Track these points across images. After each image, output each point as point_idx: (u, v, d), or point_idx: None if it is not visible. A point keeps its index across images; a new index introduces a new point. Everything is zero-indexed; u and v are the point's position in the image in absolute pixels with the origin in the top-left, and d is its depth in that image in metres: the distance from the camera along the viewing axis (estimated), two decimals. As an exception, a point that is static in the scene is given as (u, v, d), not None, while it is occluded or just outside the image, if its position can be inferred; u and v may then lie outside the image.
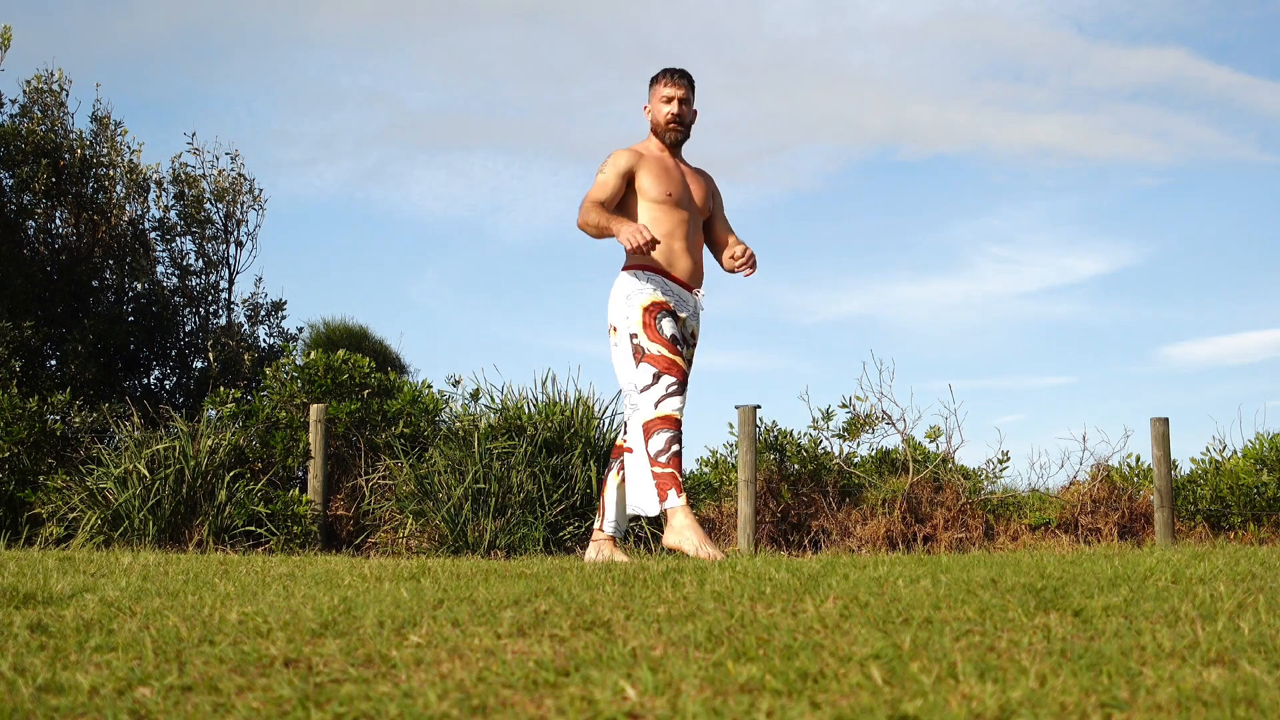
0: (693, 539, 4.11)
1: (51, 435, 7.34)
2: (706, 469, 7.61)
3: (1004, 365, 12.99)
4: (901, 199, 13.94)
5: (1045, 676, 1.55)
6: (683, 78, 4.57)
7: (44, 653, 1.84)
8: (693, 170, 4.67)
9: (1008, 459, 7.33)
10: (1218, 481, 7.05)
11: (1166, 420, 6.79)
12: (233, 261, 10.75)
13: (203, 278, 10.66)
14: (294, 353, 8.44)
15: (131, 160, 10.46)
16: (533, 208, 14.48)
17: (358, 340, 10.41)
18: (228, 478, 6.86)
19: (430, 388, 7.54)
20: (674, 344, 4.32)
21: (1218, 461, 7.20)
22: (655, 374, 4.27)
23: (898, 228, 14.27)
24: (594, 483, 6.75)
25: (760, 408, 6.89)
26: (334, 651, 1.81)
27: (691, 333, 4.51)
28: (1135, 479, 7.20)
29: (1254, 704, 1.41)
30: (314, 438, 7.09)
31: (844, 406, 7.37)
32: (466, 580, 2.98)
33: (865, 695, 1.48)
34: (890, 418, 7.34)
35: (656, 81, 4.59)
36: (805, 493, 7.17)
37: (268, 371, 7.71)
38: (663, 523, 4.32)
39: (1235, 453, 7.19)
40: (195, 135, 12.75)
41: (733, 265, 4.58)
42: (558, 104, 14.73)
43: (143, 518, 6.61)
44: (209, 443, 6.95)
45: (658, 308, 4.35)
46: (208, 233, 10.66)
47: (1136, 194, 13.62)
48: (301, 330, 10.84)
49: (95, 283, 10.18)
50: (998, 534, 7.02)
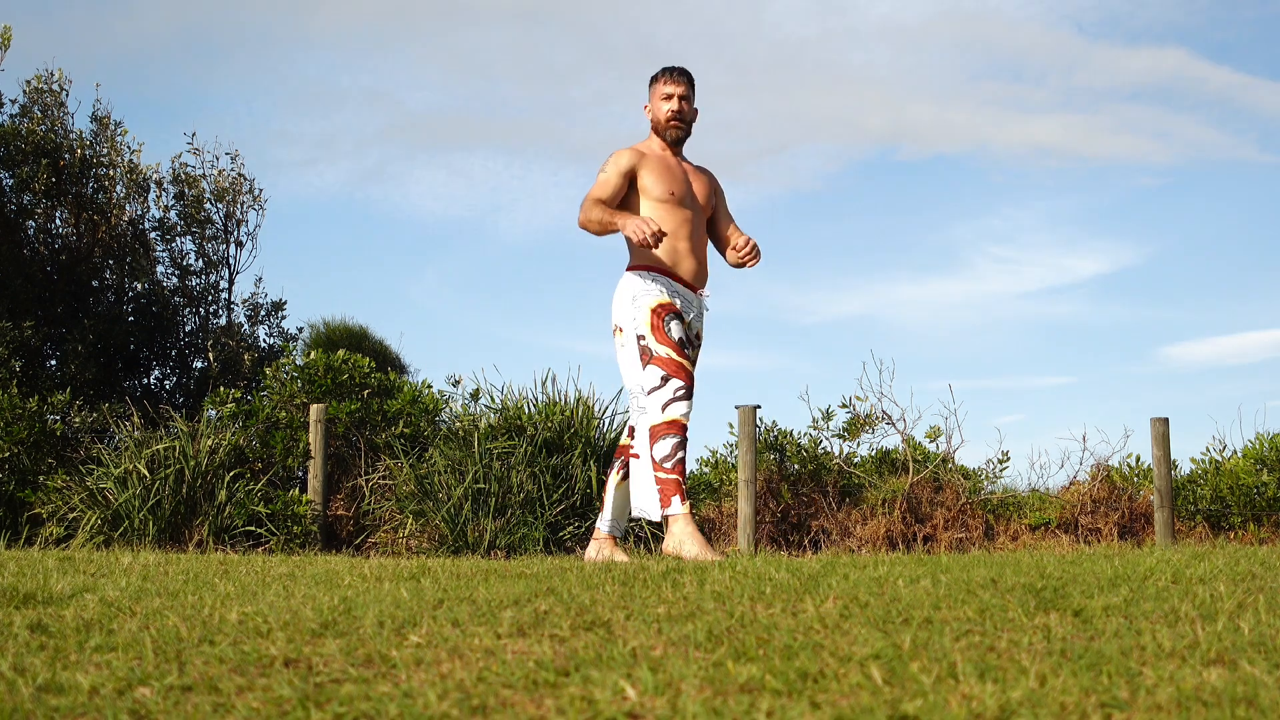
0: (693, 548, 4.08)
1: (51, 435, 7.34)
2: (706, 469, 7.61)
3: (1004, 365, 12.99)
4: (901, 199, 13.94)
5: (1045, 676, 1.55)
6: (682, 75, 4.56)
7: (44, 653, 1.84)
8: (695, 168, 4.65)
9: (1008, 459, 7.34)
10: (1218, 481, 7.05)
11: (1166, 420, 6.79)
12: (233, 261, 10.76)
13: (203, 278, 10.67)
14: (294, 353, 8.44)
15: (131, 160, 10.46)
16: (533, 208, 14.48)
17: (358, 340, 10.41)
18: (228, 478, 6.86)
19: (430, 388, 7.54)
20: (681, 347, 4.31)
21: (1218, 461, 7.20)
22: (663, 376, 4.25)
23: (898, 228, 14.27)
24: (594, 483, 6.75)
25: (760, 408, 6.90)
26: (334, 651, 1.81)
27: (696, 334, 4.50)
28: (1135, 479, 7.20)
29: (1254, 704, 1.41)
30: (314, 438, 7.09)
31: (844, 406, 7.37)
32: (466, 580, 2.98)
33: (865, 695, 1.48)
34: (890, 418, 7.34)
35: (656, 80, 4.59)
36: (805, 493, 7.17)
37: (268, 371, 7.71)
38: (663, 527, 4.31)
39: (1235, 453, 7.19)
40: (195, 135, 12.77)
41: (737, 258, 4.54)
42: (558, 104, 14.73)
43: (143, 518, 6.61)
44: (209, 443, 6.95)
45: (665, 310, 4.33)
46: (208, 233, 10.66)
47: (1136, 194, 13.62)
48: (301, 330, 10.86)
49: (95, 283, 10.18)
50: (998, 534, 7.02)
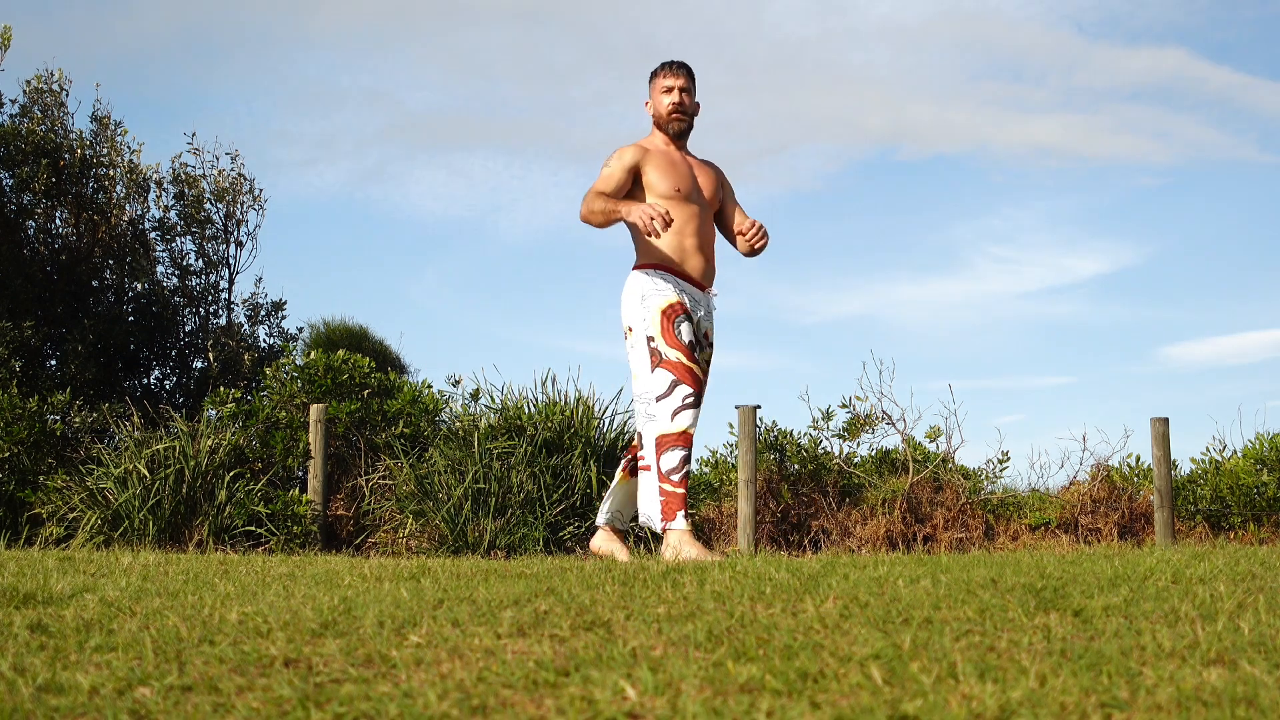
0: (692, 550, 4.04)
1: (51, 435, 7.34)
2: (706, 469, 7.61)
3: (1004, 365, 12.99)
4: (901, 199, 13.94)
5: (1045, 676, 1.55)
6: (681, 68, 4.51)
7: (44, 653, 1.84)
8: (700, 162, 4.58)
9: (1008, 459, 7.34)
10: (1218, 481, 7.05)
11: (1166, 420, 6.79)
12: (233, 261, 10.75)
13: (203, 278, 10.67)
14: (294, 353, 8.44)
15: (131, 160, 10.46)
16: (533, 208, 14.48)
17: (358, 340, 10.42)
18: (228, 478, 6.86)
19: (430, 388, 7.54)
20: (691, 350, 4.22)
21: (1218, 461, 7.20)
22: (672, 382, 4.17)
23: (898, 228, 14.27)
24: (594, 483, 6.75)
25: (760, 408, 6.89)
26: (334, 651, 1.81)
27: (705, 333, 4.40)
28: (1135, 479, 7.19)
29: (1254, 704, 1.41)
30: (314, 438, 7.09)
31: (844, 406, 7.37)
32: (466, 580, 2.98)
33: (865, 695, 1.48)
34: (890, 418, 7.34)
35: (656, 75, 4.54)
36: (805, 493, 7.17)
37: (268, 371, 7.71)
38: (661, 535, 4.28)
39: (1235, 453, 7.19)
40: (195, 135, 12.77)
41: (747, 245, 4.46)
42: (558, 104, 14.74)
43: (143, 518, 6.61)
44: (209, 443, 6.95)
45: (674, 311, 4.24)
46: (208, 233, 10.66)
47: (1136, 194, 13.62)
48: (301, 330, 10.86)
49: (95, 283, 10.18)
50: (998, 534, 7.02)
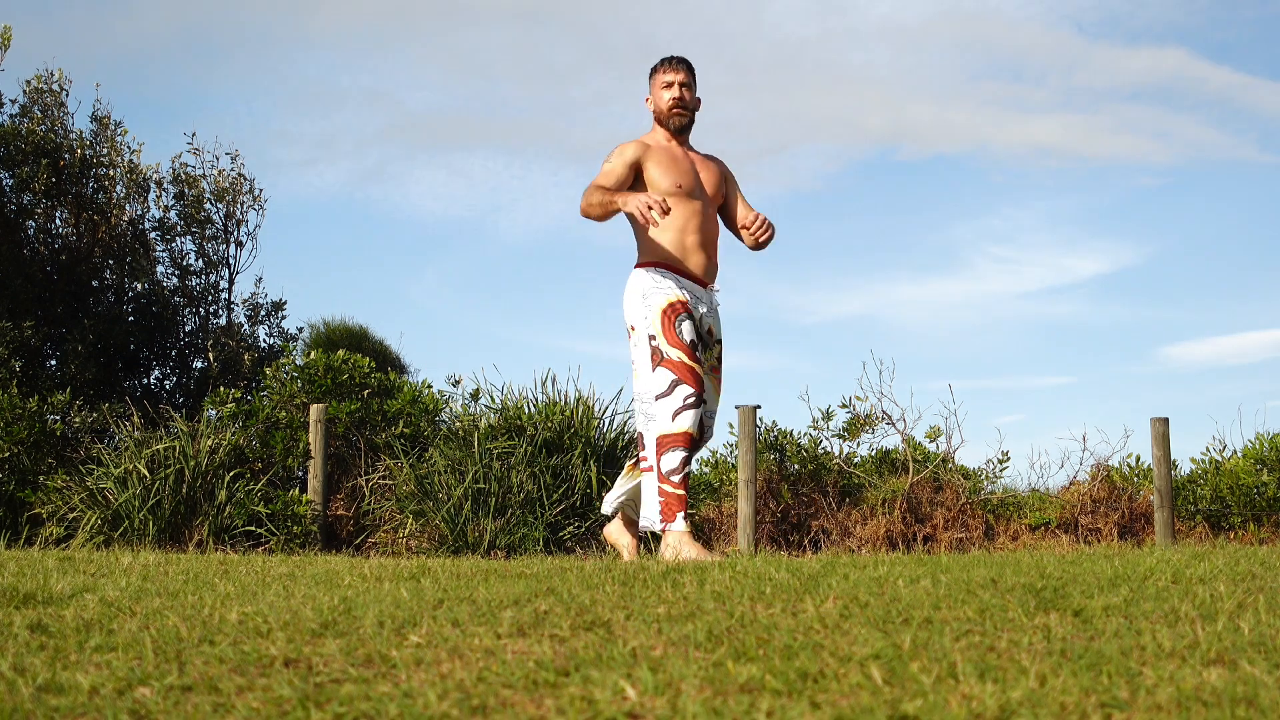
0: (691, 551, 4.02)
1: (51, 435, 7.34)
2: (706, 469, 7.61)
3: (1004, 365, 13.00)
4: (901, 199, 13.94)
5: (1045, 676, 1.55)
6: (681, 63, 4.48)
7: (44, 653, 1.84)
8: (702, 157, 4.53)
9: (1008, 459, 7.34)
10: (1218, 481, 7.05)
11: (1166, 420, 6.79)
12: (233, 261, 10.76)
13: (203, 278, 10.67)
14: (294, 353, 8.44)
15: (131, 160, 10.46)
16: (533, 208, 14.48)
17: (358, 340, 10.42)
18: (228, 478, 6.86)
19: (430, 388, 7.54)
20: (693, 349, 4.16)
21: (1218, 461, 7.20)
22: (673, 381, 4.11)
23: (898, 228, 14.28)
24: (594, 483, 6.75)
25: (760, 408, 6.89)
26: (334, 651, 1.81)
27: (709, 330, 4.35)
28: (1135, 479, 7.19)
29: (1254, 704, 1.41)
30: (314, 438, 7.09)
31: (844, 406, 7.37)
32: (466, 580, 2.98)
33: (865, 695, 1.48)
34: (890, 418, 7.34)
35: (656, 71, 4.51)
36: (805, 493, 7.17)
37: (268, 371, 7.71)
38: (660, 535, 4.26)
39: (1235, 453, 7.19)
40: (195, 135, 12.78)
41: (752, 240, 4.41)
42: (558, 104, 14.74)
43: (143, 518, 6.61)
44: (209, 443, 6.95)
45: (676, 310, 4.19)
46: (208, 233, 10.66)
47: (1136, 194, 13.63)
48: (301, 330, 10.86)
49: (95, 283, 10.18)
50: (998, 534, 7.02)
